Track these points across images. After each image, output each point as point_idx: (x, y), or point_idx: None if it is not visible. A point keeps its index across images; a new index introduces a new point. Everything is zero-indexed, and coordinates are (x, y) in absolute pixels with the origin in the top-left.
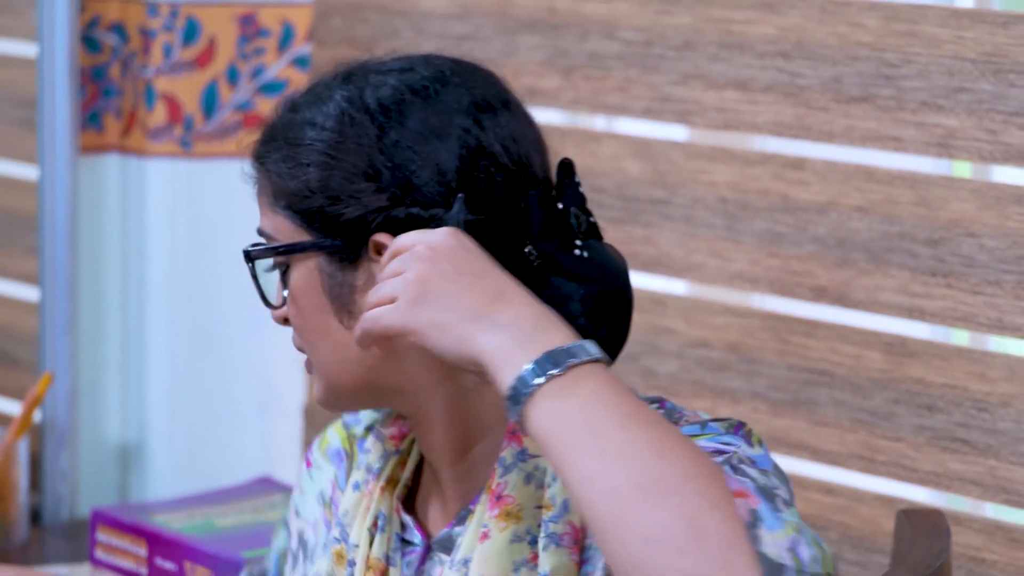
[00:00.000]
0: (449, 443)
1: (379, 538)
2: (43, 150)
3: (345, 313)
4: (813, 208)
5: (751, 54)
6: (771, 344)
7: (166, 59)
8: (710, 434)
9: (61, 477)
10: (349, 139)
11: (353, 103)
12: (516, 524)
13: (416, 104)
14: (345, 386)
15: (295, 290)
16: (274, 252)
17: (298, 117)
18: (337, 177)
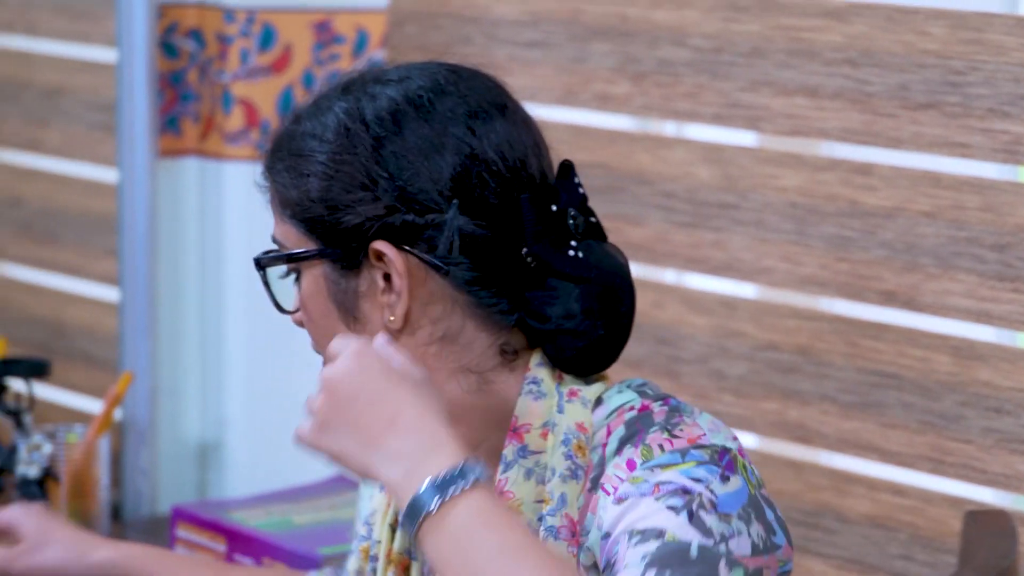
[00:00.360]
0: (464, 439)
1: (400, 533)
2: (123, 154)
3: (351, 318)
4: (881, 213)
5: (819, 61)
6: (840, 347)
7: (243, 64)
8: (689, 463)
9: (141, 474)
10: (347, 150)
11: (351, 115)
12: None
13: (411, 115)
14: None
15: (305, 295)
16: (282, 259)
17: (300, 128)
18: (336, 187)
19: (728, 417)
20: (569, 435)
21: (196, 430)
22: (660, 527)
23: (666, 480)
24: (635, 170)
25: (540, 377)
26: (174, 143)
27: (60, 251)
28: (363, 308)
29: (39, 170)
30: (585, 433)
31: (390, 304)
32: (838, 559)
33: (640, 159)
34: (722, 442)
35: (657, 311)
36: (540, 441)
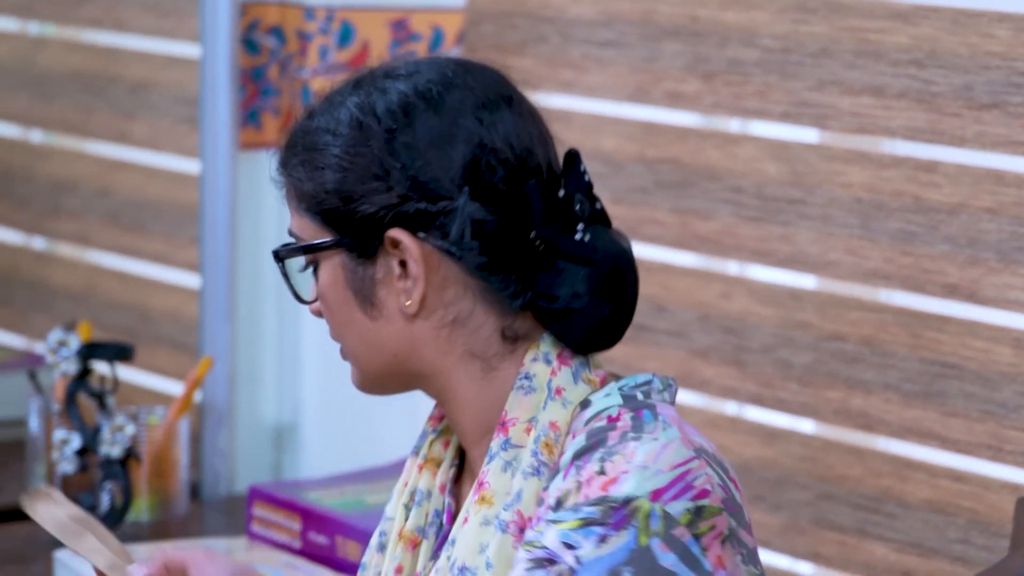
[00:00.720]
0: (473, 425)
1: (415, 512)
2: (205, 146)
3: (368, 305)
4: (945, 209)
5: (885, 62)
6: (903, 338)
7: (322, 61)
8: (575, 523)
9: (219, 455)
10: (360, 143)
11: (363, 109)
12: (488, 508)
13: (421, 107)
14: (374, 372)
15: (323, 286)
16: (300, 251)
17: (314, 124)
18: (350, 179)
19: (792, 405)
20: (541, 433)
21: (272, 412)
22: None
23: (545, 545)
24: (704, 166)
25: (533, 372)
26: (255, 136)
27: (146, 240)
28: (380, 295)
29: (127, 161)
30: (556, 431)
31: (406, 289)
32: (898, 543)
33: (709, 155)
34: (631, 490)
35: (724, 302)
36: (523, 436)
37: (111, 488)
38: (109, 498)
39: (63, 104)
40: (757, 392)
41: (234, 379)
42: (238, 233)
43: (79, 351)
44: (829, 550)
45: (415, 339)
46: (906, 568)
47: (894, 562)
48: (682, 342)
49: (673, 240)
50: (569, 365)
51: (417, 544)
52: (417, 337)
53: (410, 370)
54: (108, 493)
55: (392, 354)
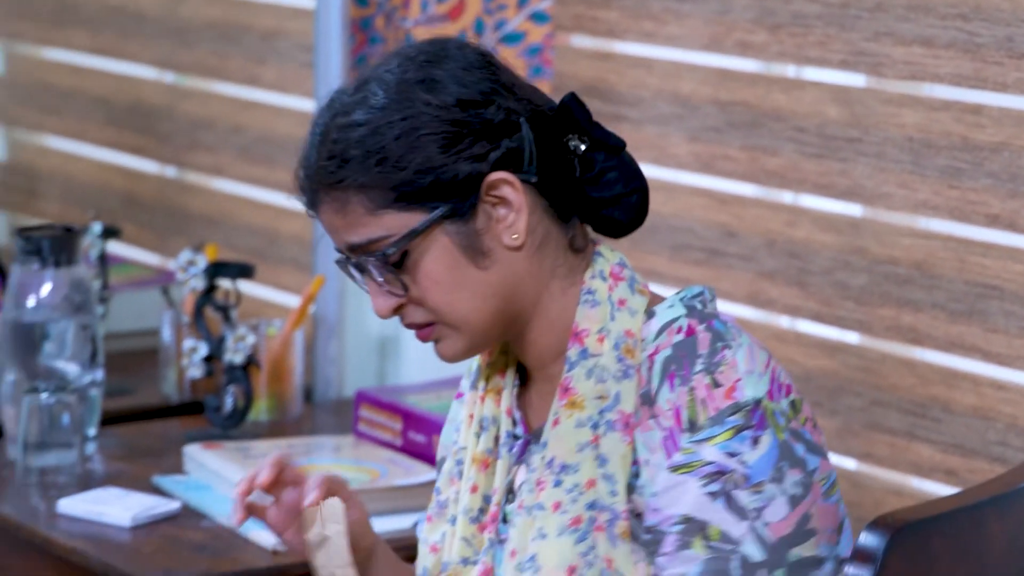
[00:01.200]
0: (552, 344)
1: (483, 437)
2: (319, 87)
3: (479, 256)
4: (988, 148)
5: (934, 15)
6: (950, 263)
7: (423, 12)
8: (727, 433)
9: (330, 362)
10: (417, 118)
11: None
12: (580, 412)
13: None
14: (482, 327)
15: (426, 265)
16: (405, 242)
17: (360, 131)
18: (432, 150)
19: (849, 321)
20: (619, 340)
21: (377, 325)
22: (702, 519)
23: (708, 460)
24: (771, 108)
25: (594, 288)
26: None
27: (272, 171)
28: (486, 243)
29: (256, 101)
30: (632, 338)
31: (509, 225)
32: (943, 444)
33: (775, 98)
34: (752, 393)
35: (789, 230)
36: (597, 345)
37: (234, 391)
38: (232, 400)
39: (201, 50)
40: (817, 310)
41: (343, 295)
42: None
43: (206, 269)
44: (880, 451)
45: (518, 274)
46: (949, 467)
47: (939, 462)
48: (751, 265)
49: (743, 174)
50: (623, 279)
51: (489, 464)
52: (519, 271)
53: (512, 310)
54: (231, 396)
55: (502, 298)
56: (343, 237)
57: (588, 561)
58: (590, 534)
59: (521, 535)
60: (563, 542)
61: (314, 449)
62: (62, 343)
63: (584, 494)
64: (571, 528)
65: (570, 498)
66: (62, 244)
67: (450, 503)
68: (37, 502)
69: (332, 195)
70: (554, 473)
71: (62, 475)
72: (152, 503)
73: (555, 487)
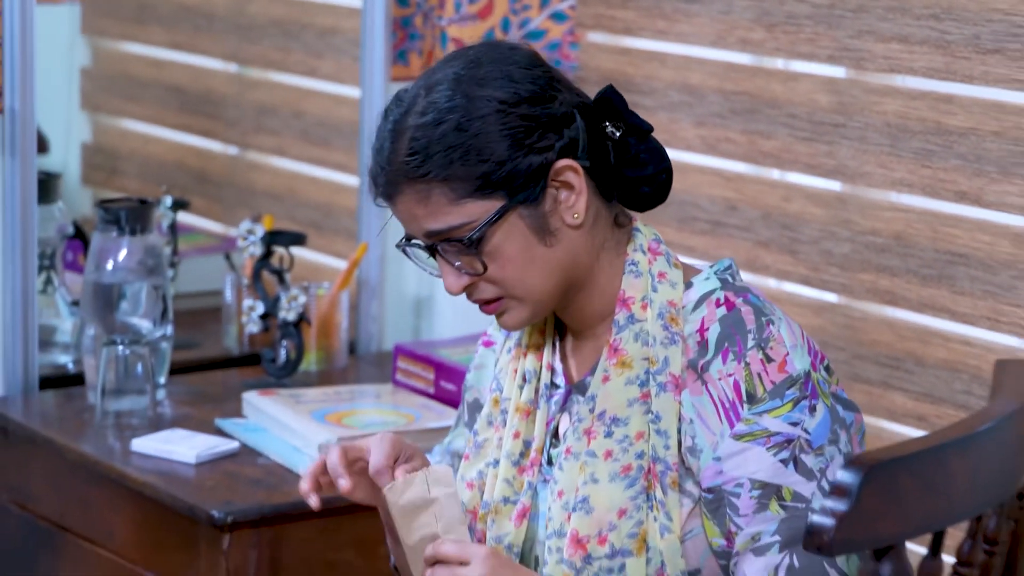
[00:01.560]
0: (599, 309)
1: (525, 389)
2: (364, 77)
3: (547, 235)
4: (957, 132)
5: (910, 16)
6: (924, 233)
7: (456, 12)
8: (787, 406)
9: (372, 320)
10: (493, 115)
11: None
12: (629, 371)
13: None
14: (546, 298)
15: (502, 246)
16: (486, 227)
17: (442, 127)
18: (508, 143)
19: (834, 285)
20: (663, 310)
21: (413, 287)
22: (776, 483)
23: (774, 431)
24: (769, 97)
25: (636, 260)
26: (403, 71)
27: (328, 152)
28: (552, 223)
29: (314, 90)
30: (675, 307)
31: (571, 206)
32: (915, 393)
33: (772, 88)
34: (801, 365)
35: (783, 204)
36: (641, 312)
37: (287, 345)
38: (285, 353)
39: (265, 45)
40: (806, 274)
41: (384, 260)
42: None
43: (263, 237)
44: (859, 399)
45: (577, 249)
46: (920, 413)
47: (911, 408)
48: (749, 235)
49: (743, 155)
50: (660, 254)
51: (530, 413)
52: (578, 246)
53: (570, 282)
54: (284, 349)
55: (563, 270)
56: (423, 225)
57: (637, 505)
58: (639, 480)
59: (569, 478)
60: (614, 487)
61: (357, 396)
62: (136, 302)
63: (634, 445)
64: (622, 475)
65: (621, 448)
66: (137, 215)
67: (490, 446)
68: (113, 442)
69: (415, 187)
70: (605, 424)
71: (135, 418)
72: (214, 443)
73: (606, 437)
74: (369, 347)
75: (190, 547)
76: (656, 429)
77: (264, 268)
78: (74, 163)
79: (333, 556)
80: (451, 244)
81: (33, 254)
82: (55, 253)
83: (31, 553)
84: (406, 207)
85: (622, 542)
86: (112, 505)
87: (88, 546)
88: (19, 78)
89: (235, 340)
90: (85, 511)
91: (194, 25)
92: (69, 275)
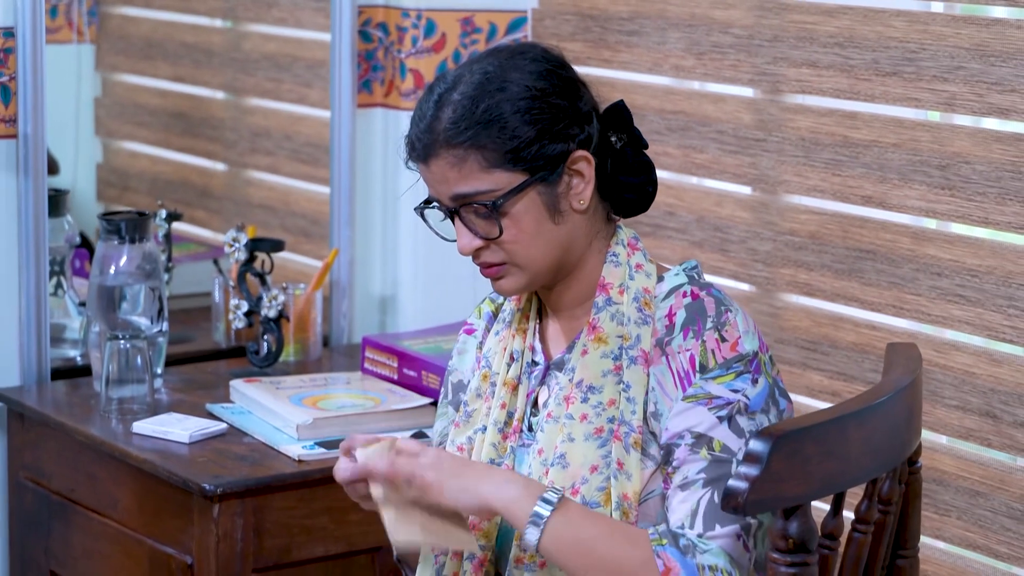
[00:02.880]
0: (582, 291)
1: (513, 366)
2: (334, 103)
3: (556, 213)
4: (862, 145)
5: (817, 44)
6: (835, 233)
7: (413, 46)
8: (731, 375)
9: (343, 316)
10: (541, 104)
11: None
12: (604, 346)
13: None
14: (543, 269)
15: (518, 215)
16: (511, 196)
17: (486, 102)
18: (541, 126)
19: (757, 279)
20: (638, 295)
21: (378, 287)
22: (710, 435)
23: (716, 394)
24: (700, 116)
25: (617, 252)
26: (367, 99)
27: (316, 169)
28: (563, 204)
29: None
30: (649, 293)
31: (579, 193)
32: (830, 372)
33: (704, 108)
34: (750, 347)
35: (715, 208)
36: (618, 296)
37: (268, 339)
38: (267, 345)
39: (260, 77)
40: (735, 270)
41: (353, 264)
42: (356, 161)
43: (246, 244)
44: (783, 378)
45: (576, 232)
46: (835, 390)
47: (827, 386)
48: (685, 236)
49: (679, 167)
50: (638, 249)
51: (515, 387)
52: (577, 228)
53: (564, 260)
54: (266, 342)
55: (562, 248)
56: (452, 187)
57: (607, 462)
58: (609, 441)
59: (549, 438)
60: (588, 446)
61: (330, 382)
62: (136, 302)
63: (607, 410)
64: (595, 435)
65: (595, 412)
66: (136, 225)
67: (478, 415)
68: (116, 425)
69: (452, 151)
70: (581, 392)
71: (135, 404)
72: (205, 424)
73: (582, 403)
74: (340, 340)
75: (184, 515)
76: (626, 397)
77: (248, 271)
78: (87, 182)
79: (310, 522)
80: (474, 207)
81: (45, 261)
82: (64, 260)
83: (45, 522)
84: (440, 169)
85: (592, 495)
86: (116, 480)
87: (95, 516)
88: (31, 107)
89: (223, 335)
90: (92, 485)
91: (195, 60)
92: (77, 279)
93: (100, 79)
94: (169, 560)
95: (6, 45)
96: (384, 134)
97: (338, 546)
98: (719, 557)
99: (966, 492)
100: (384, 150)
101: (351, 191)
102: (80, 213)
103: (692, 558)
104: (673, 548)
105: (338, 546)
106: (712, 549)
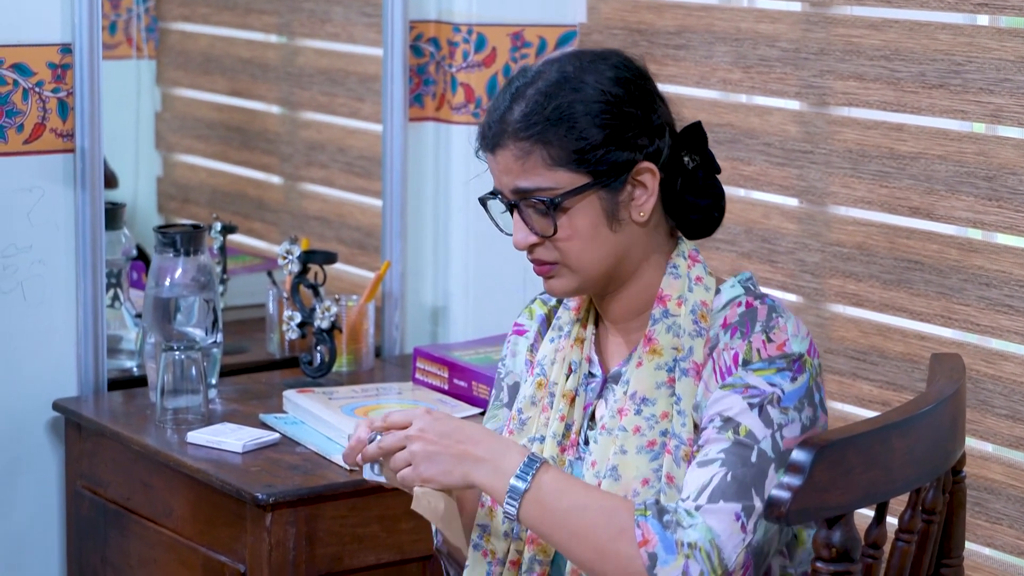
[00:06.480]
0: (640, 303)
1: (571, 378)
2: (385, 118)
3: (614, 221)
4: (909, 156)
5: (864, 57)
6: (883, 244)
7: (464, 60)
8: (772, 370)
9: (394, 327)
10: (614, 108)
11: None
12: (659, 358)
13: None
14: (595, 274)
15: (576, 216)
16: (571, 195)
17: (559, 99)
18: (609, 131)
19: (806, 290)
20: (696, 308)
21: (429, 299)
22: (738, 420)
23: (752, 384)
24: (747, 128)
25: (677, 264)
26: (419, 112)
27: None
28: (622, 213)
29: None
30: (706, 307)
31: (640, 205)
32: (879, 381)
33: (750, 121)
34: (798, 348)
35: (763, 220)
36: (676, 308)
37: (321, 350)
38: (320, 356)
39: (315, 91)
40: (784, 281)
41: (405, 275)
42: (408, 174)
43: (299, 256)
44: (831, 388)
45: (633, 242)
46: (884, 400)
47: (876, 395)
48: (734, 248)
49: (727, 180)
50: (699, 262)
51: (573, 399)
52: (635, 239)
53: (618, 270)
54: (319, 353)
55: (616, 256)
56: (515, 180)
57: (657, 476)
58: (661, 455)
59: (602, 450)
60: (640, 459)
61: (382, 393)
62: (190, 313)
63: (659, 423)
64: (647, 448)
65: (648, 425)
66: (190, 238)
67: (533, 423)
68: (171, 435)
69: (519, 144)
70: (635, 404)
71: (190, 414)
72: (259, 434)
73: (636, 415)
74: (392, 350)
75: (237, 524)
76: (677, 410)
77: (301, 283)
78: (148, 195)
79: (361, 531)
80: (533, 203)
81: (102, 274)
82: (121, 272)
83: (102, 530)
84: (505, 160)
85: None
86: (171, 489)
87: (150, 524)
88: (88, 122)
89: (277, 346)
90: (147, 494)
91: (251, 74)
92: (133, 291)
93: (160, 94)
94: (222, 568)
95: (64, 61)
96: (435, 147)
97: (389, 554)
98: (700, 534)
99: (1017, 500)
100: (435, 163)
101: (403, 204)
102: (141, 226)
103: (672, 533)
104: (655, 520)
105: (389, 554)
106: (696, 525)
